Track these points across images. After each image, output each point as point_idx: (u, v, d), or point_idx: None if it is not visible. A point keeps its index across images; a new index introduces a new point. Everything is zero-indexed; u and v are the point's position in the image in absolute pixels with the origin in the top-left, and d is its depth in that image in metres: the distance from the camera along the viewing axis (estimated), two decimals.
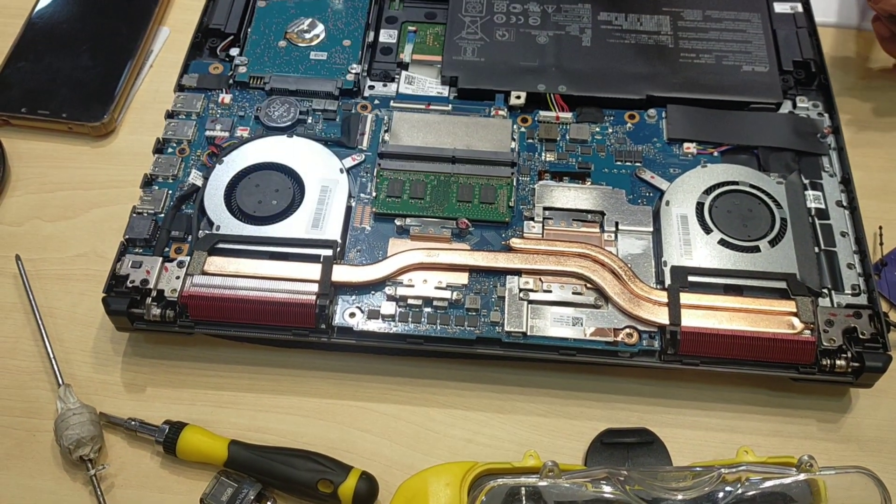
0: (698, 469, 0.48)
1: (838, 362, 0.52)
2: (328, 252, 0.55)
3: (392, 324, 0.54)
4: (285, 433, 0.54)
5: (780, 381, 0.55)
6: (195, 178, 0.59)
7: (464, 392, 0.55)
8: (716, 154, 0.61)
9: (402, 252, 0.56)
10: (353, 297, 0.55)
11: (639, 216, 0.58)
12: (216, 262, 0.55)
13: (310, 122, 0.63)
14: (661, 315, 0.53)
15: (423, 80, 0.66)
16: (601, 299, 0.55)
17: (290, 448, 0.52)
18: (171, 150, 0.61)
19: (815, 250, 0.56)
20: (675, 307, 0.53)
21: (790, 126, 0.62)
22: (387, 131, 0.62)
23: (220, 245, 0.56)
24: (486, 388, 0.55)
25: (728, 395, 0.55)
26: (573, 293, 0.55)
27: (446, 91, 0.65)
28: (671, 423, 0.54)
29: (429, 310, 0.54)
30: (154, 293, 0.54)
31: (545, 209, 0.58)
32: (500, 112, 0.63)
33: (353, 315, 0.54)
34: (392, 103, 0.64)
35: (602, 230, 0.58)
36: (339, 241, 0.56)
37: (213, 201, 0.58)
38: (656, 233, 0.57)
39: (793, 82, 0.65)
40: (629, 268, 0.55)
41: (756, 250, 0.56)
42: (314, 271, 0.54)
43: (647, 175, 0.60)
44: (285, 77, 0.65)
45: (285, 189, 0.58)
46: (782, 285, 0.54)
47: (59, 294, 0.59)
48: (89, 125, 0.66)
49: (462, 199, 0.58)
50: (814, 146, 0.61)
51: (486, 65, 0.66)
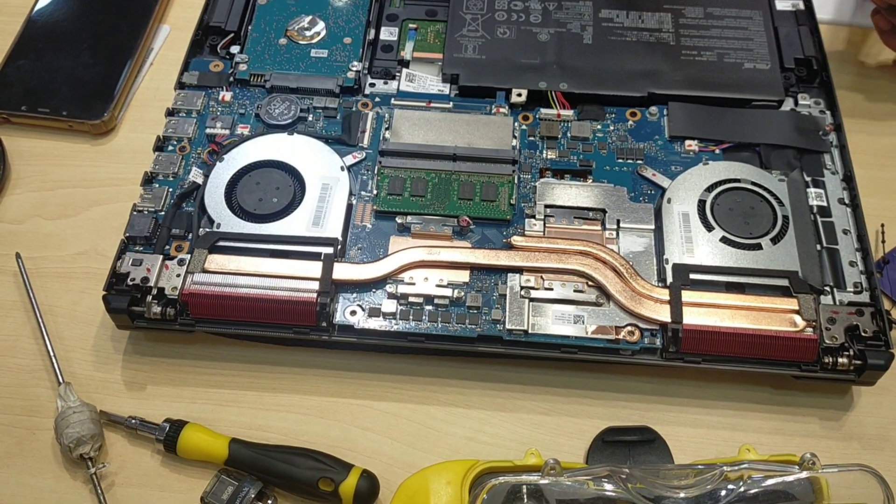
0: (700, 467, 0.48)
1: (840, 360, 0.52)
2: (329, 250, 0.55)
3: (393, 322, 0.54)
4: (286, 431, 0.54)
5: (782, 378, 0.55)
6: (196, 175, 0.59)
7: (465, 390, 0.55)
8: (717, 151, 0.61)
9: (403, 250, 0.56)
10: (354, 294, 0.55)
11: (640, 214, 0.58)
12: (217, 260, 0.55)
13: (310, 119, 0.63)
14: (663, 313, 0.53)
15: (424, 78, 0.66)
16: (603, 297, 0.54)
17: (290, 446, 0.52)
18: (171, 147, 0.61)
19: (818, 248, 0.56)
20: (676, 305, 0.53)
21: (792, 123, 0.62)
22: (388, 129, 0.62)
23: (221, 243, 0.56)
24: (487, 387, 0.55)
25: (730, 393, 0.55)
26: (574, 291, 0.54)
27: (447, 89, 0.65)
28: (673, 420, 0.54)
29: (430, 308, 0.54)
30: (154, 291, 0.54)
31: (546, 207, 0.58)
32: (502, 109, 0.63)
33: (353, 313, 0.54)
34: (393, 101, 0.64)
35: (603, 228, 0.57)
36: (340, 238, 0.56)
37: (214, 199, 0.58)
38: (658, 230, 0.57)
39: (794, 79, 0.65)
40: (631, 265, 0.55)
41: (758, 248, 0.56)
42: (315, 269, 0.54)
43: (649, 172, 0.60)
44: (286, 75, 0.64)
45: (286, 187, 0.58)
46: (784, 283, 0.54)
47: (59, 292, 0.59)
48: (90, 123, 0.66)
49: (463, 197, 0.58)
50: (816, 143, 0.61)
51: (487, 62, 0.65)
